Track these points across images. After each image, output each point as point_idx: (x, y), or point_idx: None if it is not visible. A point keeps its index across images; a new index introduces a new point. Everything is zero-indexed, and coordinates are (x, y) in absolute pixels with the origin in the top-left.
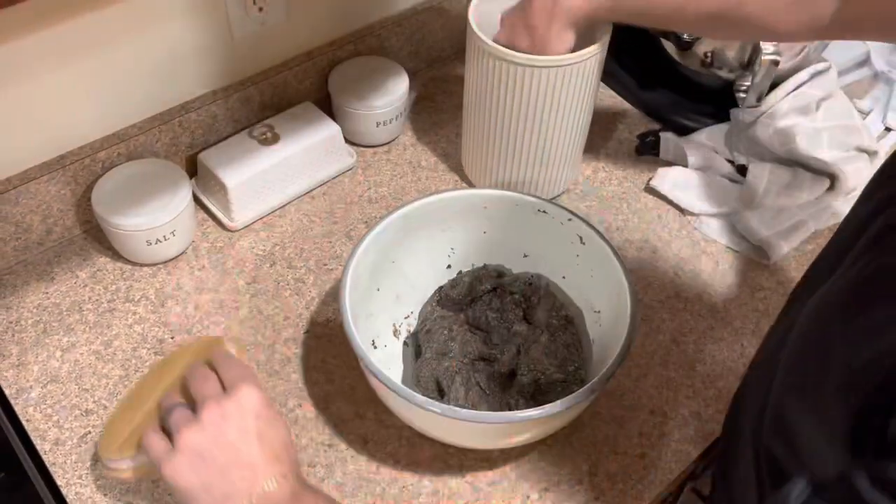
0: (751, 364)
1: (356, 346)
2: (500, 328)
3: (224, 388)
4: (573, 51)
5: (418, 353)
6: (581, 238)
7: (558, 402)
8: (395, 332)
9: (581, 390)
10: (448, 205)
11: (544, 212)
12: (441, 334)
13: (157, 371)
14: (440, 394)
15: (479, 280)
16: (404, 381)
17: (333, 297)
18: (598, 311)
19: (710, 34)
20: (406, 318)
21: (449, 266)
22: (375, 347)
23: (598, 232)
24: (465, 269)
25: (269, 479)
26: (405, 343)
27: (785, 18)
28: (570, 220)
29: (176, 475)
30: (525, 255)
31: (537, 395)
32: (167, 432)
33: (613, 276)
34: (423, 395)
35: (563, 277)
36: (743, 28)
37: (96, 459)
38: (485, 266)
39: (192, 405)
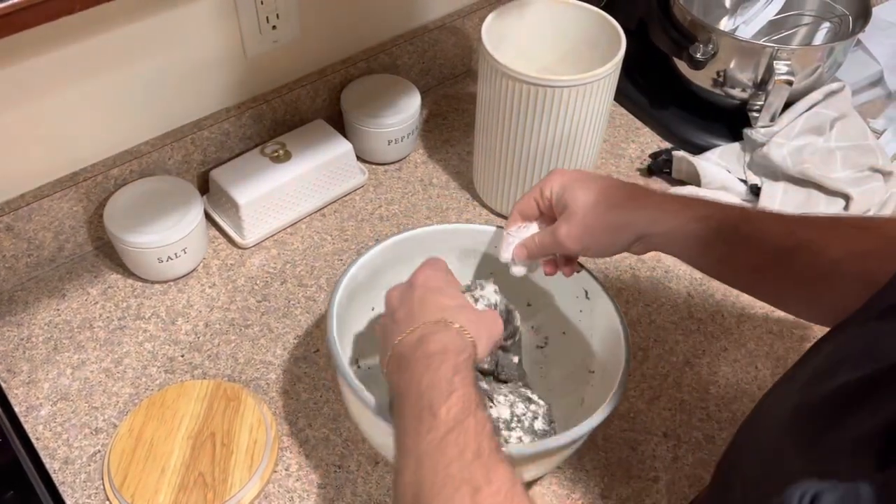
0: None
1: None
2: None
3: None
4: None
5: None
6: (587, 292)
7: None
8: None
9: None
10: (455, 237)
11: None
12: None
13: (158, 413)
14: None
15: None
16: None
17: None
18: (593, 372)
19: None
20: None
21: None
22: (359, 367)
23: (603, 287)
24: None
25: (404, 334)
26: None
27: None
28: (577, 271)
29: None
30: (528, 304)
31: None
32: None
33: (613, 336)
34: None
35: (564, 333)
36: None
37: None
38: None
39: None
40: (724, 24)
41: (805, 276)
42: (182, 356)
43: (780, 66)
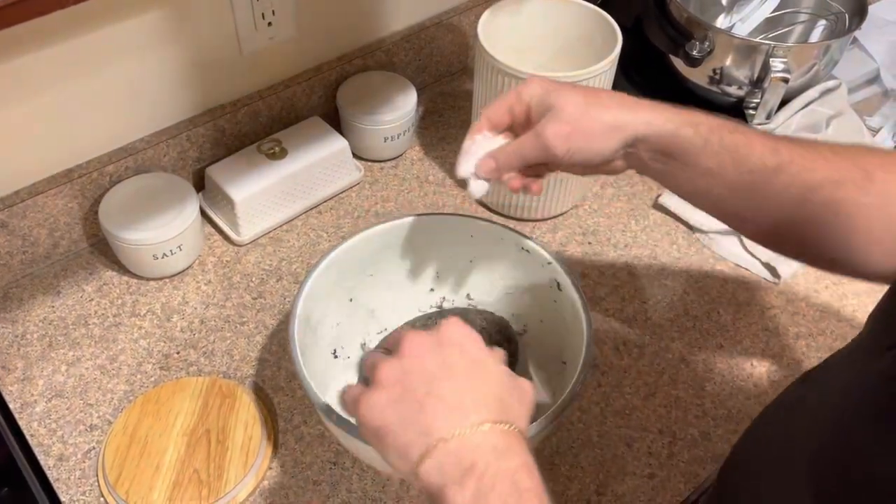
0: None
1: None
2: None
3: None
4: None
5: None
6: (558, 284)
7: None
8: (363, 346)
9: None
10: (429, 226)
11: (526, 251)
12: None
13: (153, 410)
14: None
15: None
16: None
17: None
18: (565, 363)
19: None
20: (379, 333)
21: (432, 289)
22: (336, 357)
23: (573, 280)
24: (447, 297)
25: (466, 424)
26: None
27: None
28: (549, 263)
29: (370, 412)
30: (508, 293)
31: None
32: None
33: (579, 329)
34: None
35: (541, 322)
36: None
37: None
38: (466, 309)
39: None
40: (721, 22)
41: (783, 198)
42: (177, 353)
43: (777, 64)
